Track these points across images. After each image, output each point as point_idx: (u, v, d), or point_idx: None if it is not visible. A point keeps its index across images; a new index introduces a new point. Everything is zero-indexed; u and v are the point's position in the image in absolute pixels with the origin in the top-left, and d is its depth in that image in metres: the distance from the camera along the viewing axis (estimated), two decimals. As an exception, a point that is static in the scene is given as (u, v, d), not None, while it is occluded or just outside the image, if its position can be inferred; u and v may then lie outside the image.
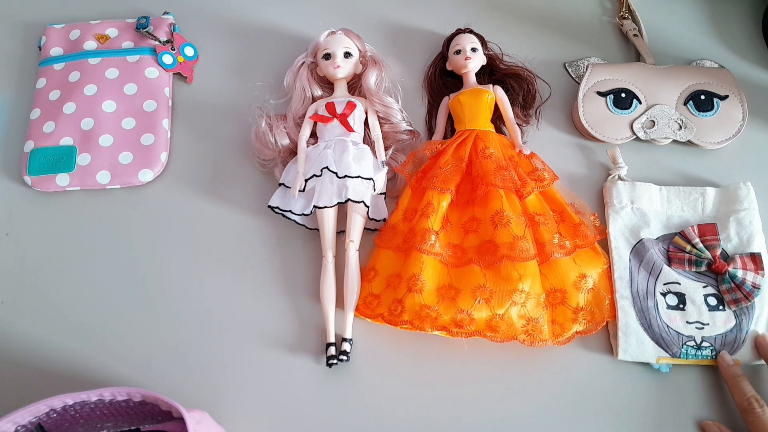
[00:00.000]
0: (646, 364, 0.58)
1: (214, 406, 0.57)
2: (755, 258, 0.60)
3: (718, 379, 0.58)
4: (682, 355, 0.57)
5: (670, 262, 0.60)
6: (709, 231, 0.61)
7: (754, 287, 0.58)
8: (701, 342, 0.57)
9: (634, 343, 0.57)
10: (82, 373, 0.59)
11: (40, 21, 0.74)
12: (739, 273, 0.59)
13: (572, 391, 0.58)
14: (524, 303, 0.57)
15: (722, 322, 0.58)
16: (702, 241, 0.60)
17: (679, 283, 0.59)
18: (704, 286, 0.59)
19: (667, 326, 0.58)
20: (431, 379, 0.58)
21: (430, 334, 0.57)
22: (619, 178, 0.65)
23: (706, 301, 0.59)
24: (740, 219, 0.62)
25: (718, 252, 0.60)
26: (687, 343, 0.57)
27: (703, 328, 0.58)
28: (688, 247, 0.60)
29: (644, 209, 0.63)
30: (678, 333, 0.58)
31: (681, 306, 0.59)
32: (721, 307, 0.58)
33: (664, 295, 0.59)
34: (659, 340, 0.58)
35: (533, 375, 0.58)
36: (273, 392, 0.58)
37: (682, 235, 0.61)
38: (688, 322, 0.58)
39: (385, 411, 0.57)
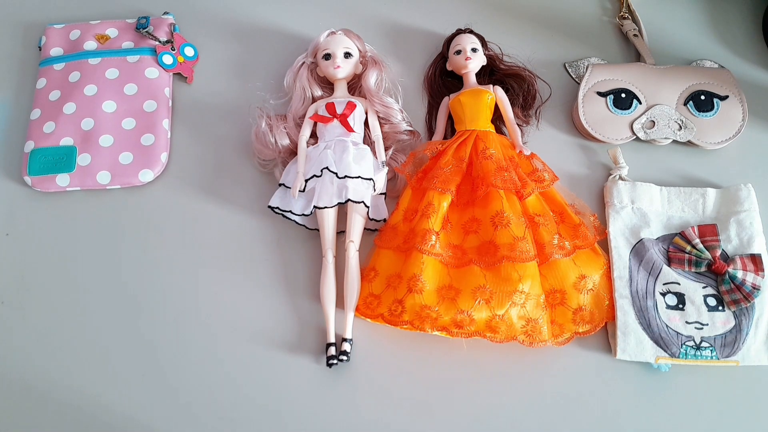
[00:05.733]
0: (646, 364, 0.58)
1: (214, 407, 0.57)
2: (755, 259, 0.60)
3: (717, 379, 0.58)
4: (681, 355, 0.57)
5: (669, 262, 0.60)
6: (709, 232, 0.61)
7: (754, 288, 0.58)
8: (700, 342, 0.57)
9: (633, 343, 0.57)
10: (83, 372, 0.59)
11: (40, 21, 0.74)
12: (739, 274, 0.59)
13: (571, 391, 0.58)
14: (524, 304, 0.57)
15: (721, 322, 0.58)
16: (702, 242, 0.60)
17: (678, 284, 0.59)
18: (704, 287, 0.59)
19: (667, 326, 0.58)
20: (431, 379, 0.58)
21: (430, 334, 0.57)
22: (620, 178, 0.65)
23: (705, 301, 0.59)
24: (741, 220, 0.62)
25: (719, 253, 0.60)
26: (686, 343, 0.57)
27: (702, 329, 0.58)
28: (688, 248, 0.60)
29: (645, 209, 0.63)
30: (677, 333, 0.58)
31: (680, 306, 0.59)
32: (720, 308, 0.58)
33: (663, 295, 0.59)
34: (658, 340, 0.58)
35: (532, 375, 0.58)
36: (273, 392, 0.58)
37: (682, 235, 0.61)
38: (687, 322, 0.58)
39: (385, 411, 0.57)
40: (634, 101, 0.68)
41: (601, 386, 0.58)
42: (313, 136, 0.65)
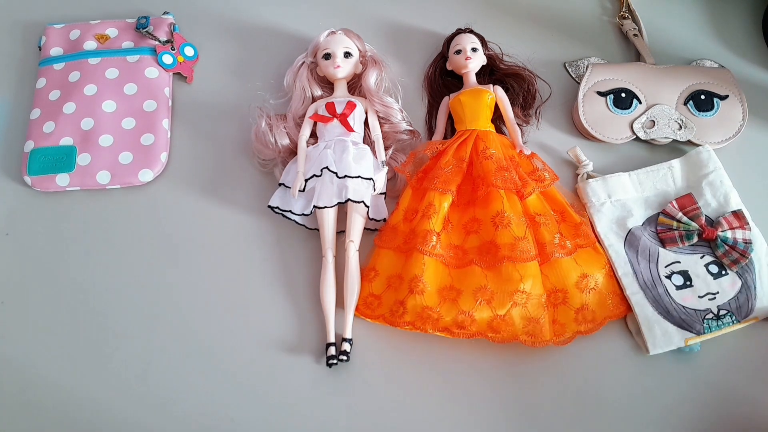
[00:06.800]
0: (674, 350, 0.58)
1: (214, 407, 0.57)
2: (737, 215, 0.61)
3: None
4: (706, 330, 0.57)
5: (663, 243, 0.61)
6: (687, 202, 0.62)
7: (746, 243, 0.59)
8: (718, 312, 0.58)
9: (660, 334, 0.57)
10: (82, 372, 0.59)
11: (40, 21, 0.74)
12: (729, 234, 0.60)
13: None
14: (525, 303, 0.57)
15: (729, 285, 0.59)
16: (684, 214, 0.61)
17: (679, 262, 0.60)
18: (701, 257, 0.60)
19: (683, 307, 0.58)
20: (431, 379, 0.58)
21: (431, 334, 0.57)
22: (588, 175, 0.65)
23: (708, 270, 0.59)
24: (711, 182, 0.63)
25: (703, 220, 0.61)
26: (706, 317, 0.58)
27: (715, 298, 0.58)
28: (675, 224, 0.61)
29: (622, 199, 0.63)
30: (695, 310, 0.58)
31: (688, 283, 0.59)
32: (723, 272, 0.59)
33: (668, 277, 0.60)
34: (681, 323, 0.58)
35: (534, 375, 0.58)
36: (273, 392, 0.58)
37: (664, 213, 0.62)
38: (699, 297, 0.59)
39: (385, 411, 0.57)
40: (634, 101, 0.68)
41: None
42: (313, 135, 0.65)
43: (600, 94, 0.68)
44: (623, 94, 0.68)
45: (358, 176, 0.60)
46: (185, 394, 0.58)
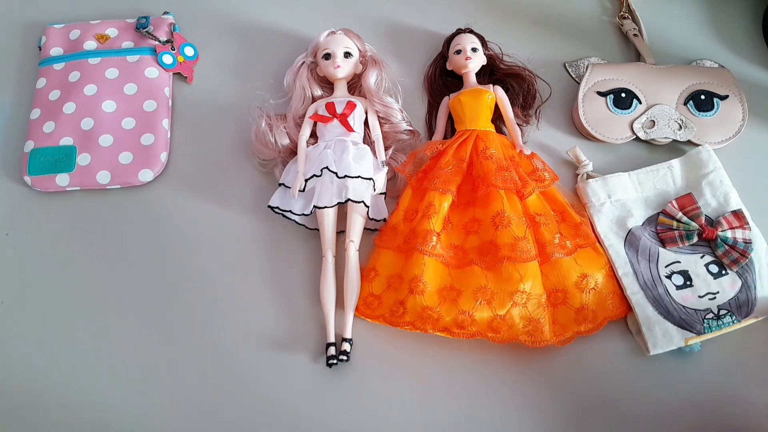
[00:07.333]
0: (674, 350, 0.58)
1: (214, 407, 0.57)
2: (738, 215, 0.61)
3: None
4: (706, 330, 0.58)
5: (663, 243, 0.61)
6: (687, 202, 0.62)
7: (746, 243, 0.59)
8: (719, 311, 0.58)
9: (660, 334, 0.57)
10: (82, 372, 0.59)
11: (40, 21, 0.74)
12: (729, 234, 0.60)
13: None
14: (525, 304, 0.57)
15: (729, 285, 0.59)
16: (684, 214, 0.61)
17: (679, 262, 0.60)
18: (701, 257, 0.60)
19: (683, 307, 0.58)
20: (431, 379, 0.58)
21: (431, 334, 0.57)
22: (588, 175, 0.65)
23: (708, 270, 0.59)
24: (711, 181, 0.63)
25: (703, 219, 0.61)
26: (707, 317, 0.58)
27: (715, 298, 0.58)
28: (675, 224, 0.61)
29: (622, 199, 0.63)
30: (695, 310, 0.58)
31: (688, 283, 0.59)
32: (723, 272, 0.59)
33: (668, 277, 0.60)
34: (681, 323, 0.58)
35: (535, 375, 0.58)
36: (273, 392, 0.58)
37: (664, 213, 0.62)
38: (699, 297, 0.59)
39: (385, 411, 0.57)
40: (634, 101, 0.68)
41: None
42: (313, 135, 0.65)
43: (600, 94, 0.68)
44: (623, 94, 0.68)
45: (358, 176, 0.60)
46: (185, 394, 0.58)
